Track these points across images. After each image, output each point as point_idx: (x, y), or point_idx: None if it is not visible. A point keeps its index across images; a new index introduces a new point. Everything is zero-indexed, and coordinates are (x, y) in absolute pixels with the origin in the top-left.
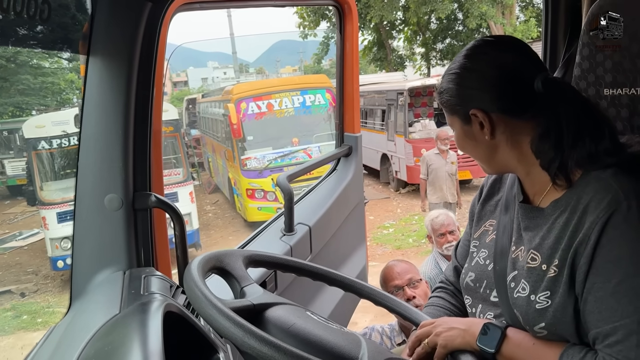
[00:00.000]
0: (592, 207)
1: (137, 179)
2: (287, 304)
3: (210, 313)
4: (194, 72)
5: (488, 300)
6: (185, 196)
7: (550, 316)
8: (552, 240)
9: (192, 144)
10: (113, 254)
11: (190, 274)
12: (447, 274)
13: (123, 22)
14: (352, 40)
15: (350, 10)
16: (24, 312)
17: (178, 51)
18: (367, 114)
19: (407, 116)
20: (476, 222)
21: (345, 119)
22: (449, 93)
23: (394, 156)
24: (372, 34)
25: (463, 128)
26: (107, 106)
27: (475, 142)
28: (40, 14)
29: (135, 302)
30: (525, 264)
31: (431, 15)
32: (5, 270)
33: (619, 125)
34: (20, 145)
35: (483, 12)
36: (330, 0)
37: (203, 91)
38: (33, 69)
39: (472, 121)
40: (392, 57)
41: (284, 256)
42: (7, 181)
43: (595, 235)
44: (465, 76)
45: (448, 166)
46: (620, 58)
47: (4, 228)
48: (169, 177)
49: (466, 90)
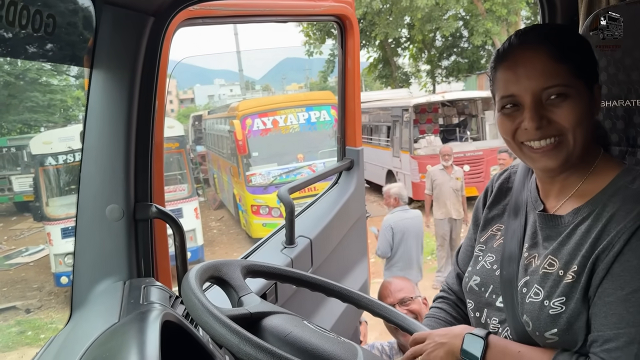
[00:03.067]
0: (620, 216)
1: (139, 189)
2: (284, 313)
3: (206, 320)
4: (200, 89)
5: (493, 305)
6: (190, 212)
7: (563, 322)
8: (571, 247)
9: (197, 160)
10: (114, 264)
11: (187, 282)
12: (449, 281)
13: (126, 36)
14: (353, 55)
15: (352, 25)
16: (28, 328)
17: (185, 68)
18: (372, 130)
19: (413, 132)
20: (482, 226)
21: (347, 132)
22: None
23: (399, 172)
24: (377, 51)
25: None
26: (109, 118)
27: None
28: (45, 27)
29: (134, 311)
30: (540, 269)
31: (436, 32)
32: (11, 286)
33: (615, 137)
34: (27, 162)
35: (488, 29)
36: (331, 16)
37: (209, 108)
38: (42, 87)
39: (594, 94)
40: (397, 74)
41: (281, 266)
42: (14, 197)
43: (620, 244)
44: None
45: (452, 182)
46: (615, 70)
47: (10, 244)
48: (174, 192)
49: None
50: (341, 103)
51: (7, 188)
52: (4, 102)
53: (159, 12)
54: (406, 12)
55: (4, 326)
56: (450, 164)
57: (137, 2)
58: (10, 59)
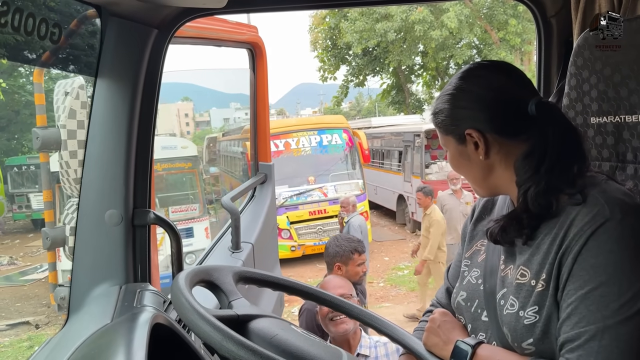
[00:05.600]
0: (578, 220)
1: (138, 196)
2: (272, 317)
3: (191, 318)
4: (216, 112)
5: (479, 320)
6: (201, 231)
7: (538, 332)
8: (541, 256)
9: (210, 181)
10: (111, 268)
11: (177, 283)
12: (439, 295)
13: (130, 47)
14: (262, 78)
15: (261, 51)
16: (36, 343)
17: (201, 92)
18: (384, 155)
19: (424, 158)
20: (468, 242)
21: (259, 150)
22: (444, 113)
23: (410, 197)
24: (390, 78)
25: (457, 148)
26: (112, 126)
27: (469, 162)
28: (51, 36)
29: (127, 313)
30: (514, 280)
31: (450, 60)
32: (25, 302)
33: (605, 152)
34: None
35: (501, 58)
36: (243, 43)
37: (224, 130)
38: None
39: (466, 141)
40: (410, 100)
41: (273, 274)
42: (31, 215)
43: (578, 245)
44: (460, 97)
45: (462, 206)
46: (604, 87)
47: (26, 260)
48: (186, 212)
49: (461, 110)
50: (253, 123)
51: (25, 205)
52: (25, 122)
53: (162, 25)
54: (420, 41)
55: (16, 341)
56: (458, 188)
57: (142, 15)
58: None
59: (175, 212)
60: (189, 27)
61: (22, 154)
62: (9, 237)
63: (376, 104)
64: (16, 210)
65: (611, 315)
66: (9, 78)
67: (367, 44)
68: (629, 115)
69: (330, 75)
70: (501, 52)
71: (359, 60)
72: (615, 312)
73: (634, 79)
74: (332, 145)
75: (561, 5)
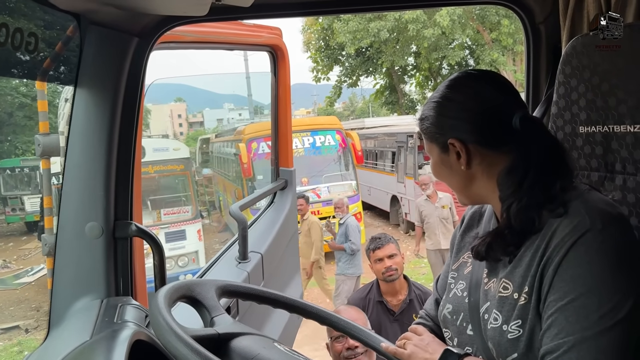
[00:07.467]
0: (559, 231)
1: (119, 207)
2: (255, 335)
3: (168, 339)
4: (209, 113)
5: (465, 334)
6: (193, 234)
7: (522, 346)
8: (523, 268)
9: (203, 183)
10: (92, 282)
11: (155, 300)
12: (427, 307)
13: (110, 56)
14: (285, 82)
15: (284, 55)
16: (25, 348)
17: (195, 92)
18: (377, 155)
19: (417, 158)
20: (455, 253)
21: (280, 155)
22: (429, 121)
23: (404, 198)
24: (384, 78)
25: (440, 156)
26: (92, 136)
27: (450, 171)
28: (27, 45)
29: (107, 329)
30: (497, 294)
31: (442, 61)
32: (17, 306)
33: (594, 162)
34: (39, 182)
35: (494, 59)
36: (264, 47)
37: (217, 131)
38: (55, 108)
39: (449, 150)
40: (403, 101)
41: (258, 287)
42: (25, 217)
43: (558, 258)
44: (446, 106)
45: (439, 211)
46: (592, 96)
47: (19, 264)
48: (178, 214)
49: (446, 119)
50: (274, 128)
51: (19, 208)
52: (19, 124)
53: (143, 33)
54: (413, 41)
55: (8, 345)
56: (431, 192)
57: (122, 23)
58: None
59: (167, 215)
60: (205, 31)
61: (15, 156)
62: (2, 239)
63: (369, 105)
64: (9, 213)
65: (590, 327)
66: (1, 80)
67: (361, 44)
68: (617, 125)
69: (324, 75)
70: (494, 54)
71: (352, 61)
72: (595, 323)
73: (621, 88)
74: (325, 146)
75: (549, 12)
